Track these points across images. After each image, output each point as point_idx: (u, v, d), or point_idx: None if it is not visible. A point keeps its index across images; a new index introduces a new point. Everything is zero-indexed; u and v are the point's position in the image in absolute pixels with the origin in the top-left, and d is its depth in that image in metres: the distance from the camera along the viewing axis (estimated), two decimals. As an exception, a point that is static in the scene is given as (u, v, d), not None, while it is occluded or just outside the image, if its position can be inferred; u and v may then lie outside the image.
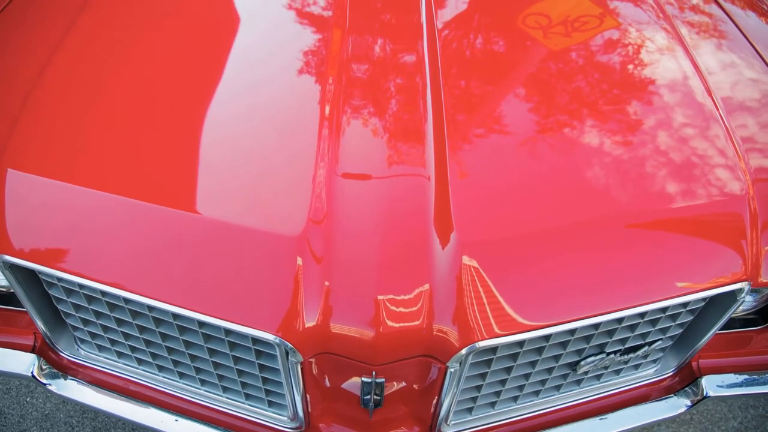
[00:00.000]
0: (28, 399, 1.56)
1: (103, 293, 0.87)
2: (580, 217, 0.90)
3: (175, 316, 0.86)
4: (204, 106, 1.00)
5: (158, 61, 1.08)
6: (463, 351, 0.81)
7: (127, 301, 0.87)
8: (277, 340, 0.80)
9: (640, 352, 0.99)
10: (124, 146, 0.93)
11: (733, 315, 1.01)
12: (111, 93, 1.02)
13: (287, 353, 0.82)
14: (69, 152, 0.93)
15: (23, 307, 0.99)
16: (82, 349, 1.05)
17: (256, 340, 0.85)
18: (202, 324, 0.86)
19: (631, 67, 1.16)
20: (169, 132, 0.96)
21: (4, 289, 1.04)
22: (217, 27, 1.18)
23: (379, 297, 0.79)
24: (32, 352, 1.04)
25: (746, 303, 1.08)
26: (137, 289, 0.83)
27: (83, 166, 0.91)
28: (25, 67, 1.06)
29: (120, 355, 1.03)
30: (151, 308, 0.86)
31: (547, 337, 0.88)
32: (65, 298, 0.93)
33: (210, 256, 0.83)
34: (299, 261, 0.81)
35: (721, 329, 1.05)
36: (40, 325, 0.99)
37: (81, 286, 0.88)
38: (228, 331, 0.86)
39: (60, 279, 0.88)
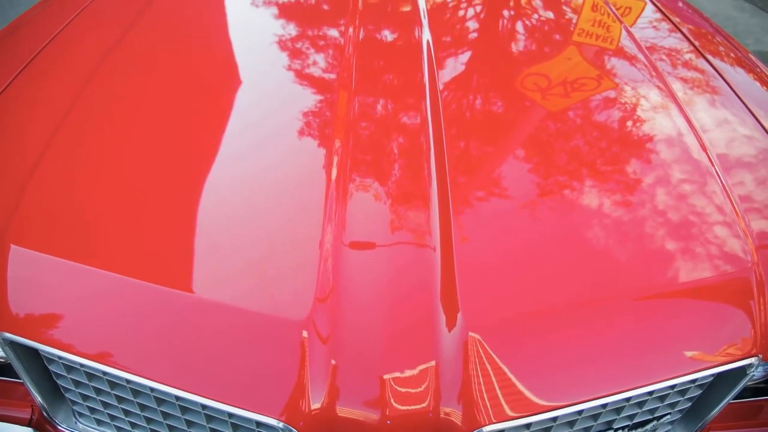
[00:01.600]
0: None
1: (104, 372, 0.86)
2: (584, 291, 0.89)
3: (177, 397, 0.84)
4: (209, 177, 1.00)
5: (161, 130, 1.09)
6: None
7: (128, 381, 0.85)
8: (281, 425, 0.78)
9: (648, 427, 0.97)
10: (128, 223, 0.93)
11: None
12: (115, 165, 1.02)
13: None
14: (73, 229, 0.92)
15: (20, 379, 0.98)
16: (80, 422, 1.03)
17: (260, 423, 0.83)
18: (204, 406, 0.84)
19: (627, 126, 1.17)
20: (173, 205, 0.95)
21: (1, 360, 1.03)
22: (221, 93, 1.19)
23: (385, 376, 0.77)
24: (29, 425, 1.02)
25: (757, 373, 1.06)
26: (140, 371, 0.81)
27: (86, 244, 0.90)
28: (30, 142, 1.06)
29: (119, 430, 1.01)
30: (152, 389, 0.85)
31: (554, 418, 0.87)
32: (65, 374, 0.91)
33: (214, 340, 0.81)
34: (305, 343, 0.79)
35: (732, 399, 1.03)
36: (38, 398, 0.97)
37: (82, 364, 0.86)
38: (231, 414, 0.84)
39: (61, 356, 0.87)
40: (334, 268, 0.84)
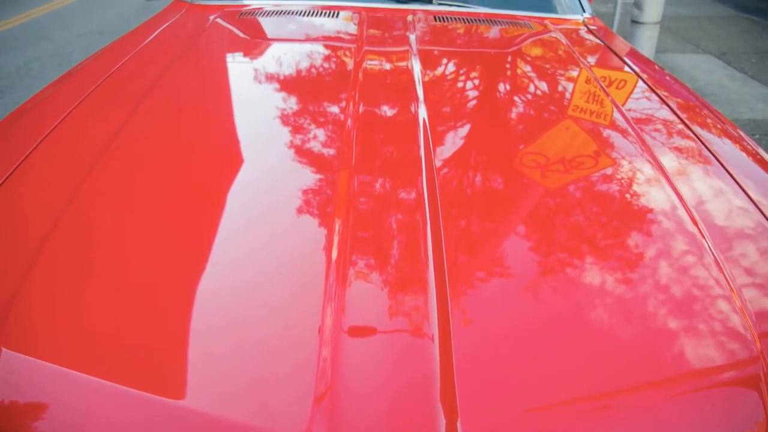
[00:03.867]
0: None
1: None
2: (587, 384, 0.86)
3: None
4: (207, 267, 0.99)
5: (157, 217, 1.10)
6: None
7: None
8: None
9: None
10: (122, 328, 0.91)
11: None
12: (109, 266, 1.01)
13: None
14: (66, 334, 0.90)
15: None
16: None
17: None
18: None
19: (619, 204, 1.17)
20: (166, 301, 0.94)
21: None
22: (221, 176, 1.21)
23: None
24: None
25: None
26: None
27: (79, 350, 0.88)
28: (24, 244, 1.05)
29: None
30: None
31: None
32: None
33: None
34: None
35: None
36: None
37: None
38: None
39: None
40: (332, 358, 0.82)
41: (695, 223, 1.12)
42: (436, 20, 2.06)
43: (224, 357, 0.85)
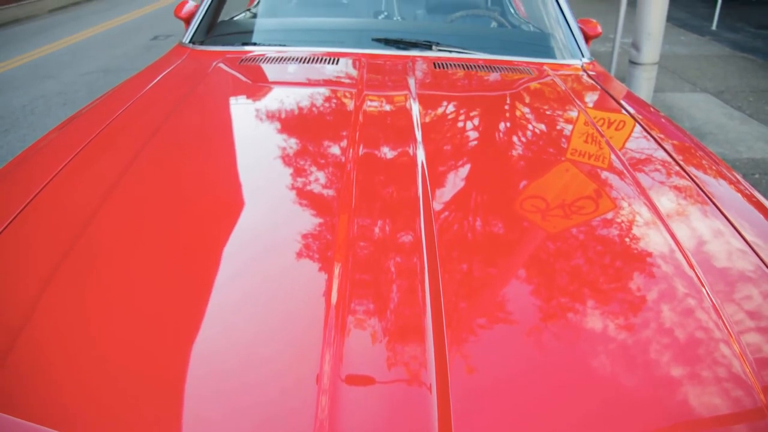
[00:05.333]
0: None
1: None
2: None
3: None
4: (205, 316, 0.99)
5: (156, 265, 1.09)
6: None
7: None
8: None
9: None
10: (115, 390, 0.89)
11: None
12: (107, 312, 1.00)
13: None
14: (57, 396, 0.89)
15: None
16: None
17: None
18: None
19: (616, 249, 1.17)
20: (165, 352, 0.93)
21: None
22: (222, 222, 1.21)
23: None
24: None
25: None
26: None
27: (69, 410, 0.87)
28: (17, 302, 1.04)
29: None
30: None
31: None
32: None
33: None
34: None
35: None
36: None
37: None
38: None
39: None
40: (330, 407, 0.82)
41: (692, 267, 1.12)
42: (435, 66, 2.08)
43: (223, 401, 0.85)
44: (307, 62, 2.09)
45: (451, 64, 2.11)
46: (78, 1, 12.59)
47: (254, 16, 3.03)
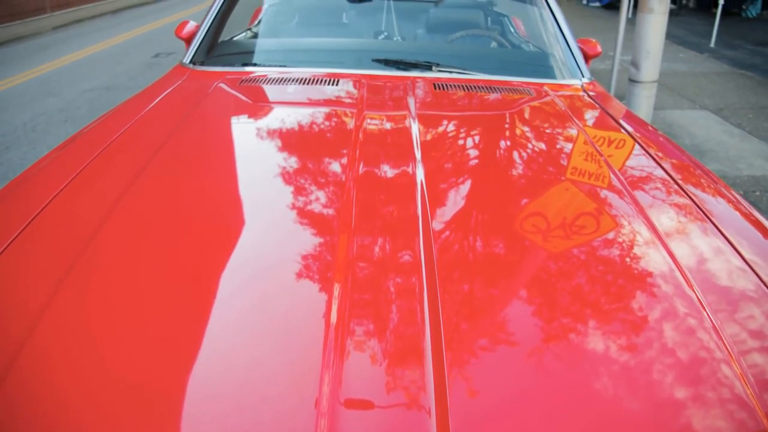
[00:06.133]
0: None
1: None
2: None
3: None
4: (205, 337, 0.99)
5: (156, 286, 1.09)
6: None
7: None
8: None
9: None
10: (112, 411, 0.88)
11: None
12: (107, 330, 1.00)
13: None
14: (62, 410, 0.89)
15: None
16: None
17: None
18: None
19: (616, 269, 1.17)
20: (163, 373, 0.92)
21: None
22: (223, 240, 1.21)
23: None
24: None
25: None
26: None
27: (73, 424, 0.86)
28: (20, 319, 1.04)
29: None
30: None
31: None
32: None
33: None
34: None
35: None
36: None
37: None
38: None
39: None
40: (329, 431, 0.81)
41: (691, 287, 1.12)
42: (435, 87, 2.09)
43: (221, 424, 0.84)
44: (308, 83, 2.10)
45: (451, 85, 2.12)
46: (81, 18, 12.70)
47: (255, 36, 3.05)
